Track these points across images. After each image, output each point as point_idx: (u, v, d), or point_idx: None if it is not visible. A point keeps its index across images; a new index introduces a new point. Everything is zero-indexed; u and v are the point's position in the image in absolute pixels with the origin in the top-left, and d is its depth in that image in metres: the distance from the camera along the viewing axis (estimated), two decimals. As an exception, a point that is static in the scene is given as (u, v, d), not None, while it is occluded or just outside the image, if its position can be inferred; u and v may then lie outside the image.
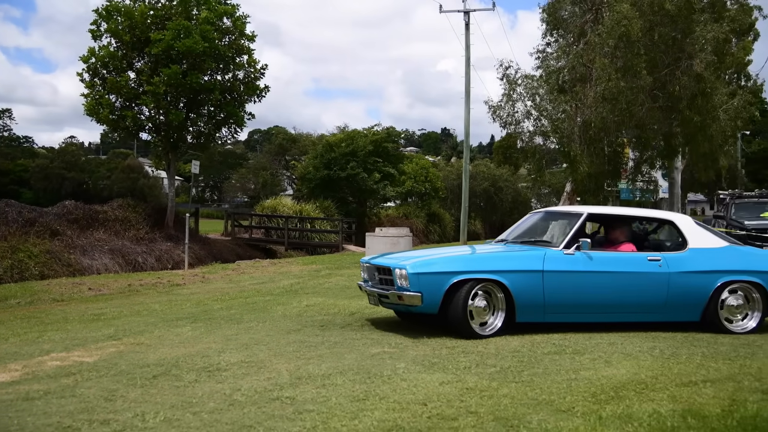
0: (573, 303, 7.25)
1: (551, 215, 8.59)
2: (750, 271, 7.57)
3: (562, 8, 25.13)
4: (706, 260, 7.53)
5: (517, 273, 7.06)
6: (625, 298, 7.38)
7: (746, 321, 7.55)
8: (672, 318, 7.51)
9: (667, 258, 7.49)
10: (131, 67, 23.87)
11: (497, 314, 7.07)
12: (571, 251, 7.23)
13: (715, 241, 7.77)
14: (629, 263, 7.47)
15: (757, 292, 7.56)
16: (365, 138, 36.23)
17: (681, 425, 4.04)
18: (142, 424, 4.15)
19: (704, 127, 22.69)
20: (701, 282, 7.44)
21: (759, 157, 58.91)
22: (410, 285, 6.89)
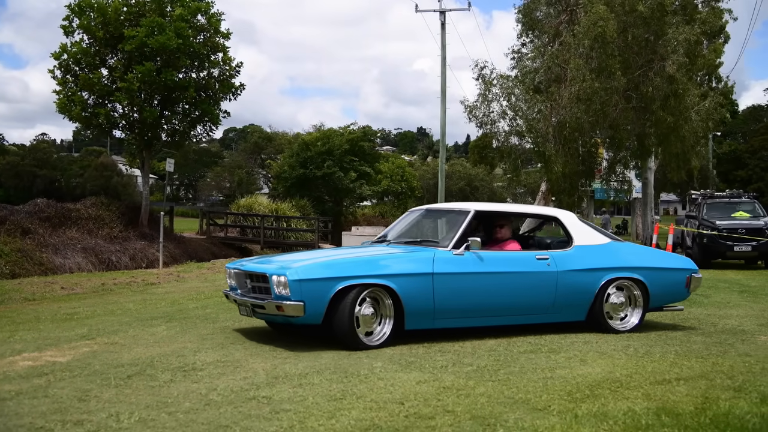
0: (464, 307, 6.80)
1: (434, 213, 8.22)
2: (631, 268, 7.48)
3: (537, 9, 25.32)
4: (592, 257, 7.35)
5: (406, 277, 6.50)
6: (516, 300, 7.06)
7: (629, 318, 7.49)
8: (559, 318, 7.30)
9: (555, 256, 7.23)
10: (104, 63, 23.58)
11: (385, 322, 6.50)
12: (460, 251, 6.74)
13: (598, 238, 7.59)
14: (519, 263, 7.14)
15: (638, 288, 7.49)
16: (341, 137, 36.21)
17: (655, 423, 4.08)
18: (117, 425, 4.10)
19: (677, 128, 23.00)
20: (587, 280, 7.25)
21: (730, 157, 59.83)
22: (291, 293, 6.15)
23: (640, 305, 7.51)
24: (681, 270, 7.88)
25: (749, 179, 55.52)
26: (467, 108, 24.88)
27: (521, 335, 7.21)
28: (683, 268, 7.91)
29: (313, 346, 6.53)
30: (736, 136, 74.43)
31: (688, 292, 7.94)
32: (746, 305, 10.04)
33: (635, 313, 7.51)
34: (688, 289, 7.88)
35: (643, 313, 7.52)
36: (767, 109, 76.20)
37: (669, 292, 7.80)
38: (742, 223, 17.19)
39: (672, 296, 7.88)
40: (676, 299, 7.96)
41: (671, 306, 7.98)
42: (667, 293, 7.78)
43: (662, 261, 8.00)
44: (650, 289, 7.50)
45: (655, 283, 7.54)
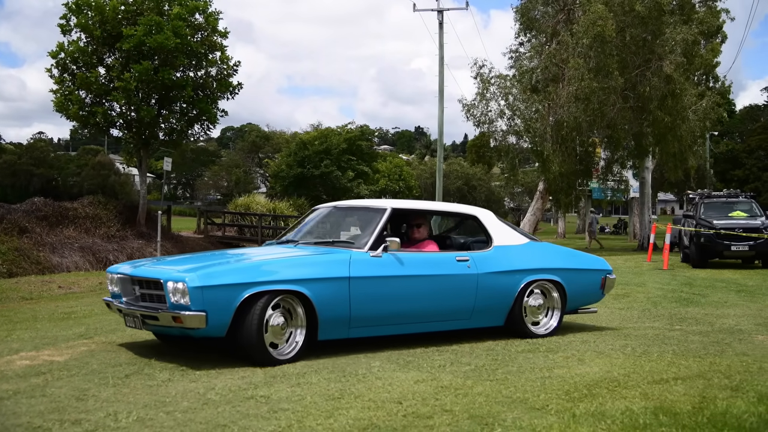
0: (382, 314, 6.26)
1: (345, 211, 7.48)
2: (550, 269, 7.18)
3: (535, 9, 25.37)
4: (511, 259, 6.97)
5: (321, 282, 5.87)
6: (437, 305, 6.56)
7: (548, 321, 7.19)
8: (478, 324, 6.87)
9: (475, 257, 6.78)
10: (101, 62, 23.55)
11: (297, 332, 5.85)
12: (378, 253, 6.18)
13: (516, 238, 7.23)
14: (440, 265, 6.61)
15: (556, 290, 7.19)
16: (339, 136, 36.22)
17: (653, 422, 4.09)
18: (115, 424, 4.10)
19: (674, 128, 23.05)
20: (508, 282, 6.87)
21: (727, 157, 59.96)
22: (191, 302, 5.37)
23: (558, 308, 7.22)
24: (597, 271, 7.64)
25: (746, 179, 55.64)
26: (465, 107, 24.95)
27: (520, 335, 7.23)
28: (599, 269, 7.67)
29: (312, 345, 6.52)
30: (733, 135, 74.58)
31: (602, 293, 7.72)
32: (743, 305, 10.06)
33: (554, 316, 7.21)
34: (603, 290, 7.65)
35: (561, 316, 7.24)
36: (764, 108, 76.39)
37: (585, 294, 7.57)
38: (739, 223, 17.21)
39: (588, 298, 7.65)
40: (592, 301, 7.74)
41: (585, 308, 7.72)
42: (583, 295, 7.54)
43: (579, 261, 7.70)
44: (568, 291, 7.23)
45: (573, 285, 7.28)
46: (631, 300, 10.51)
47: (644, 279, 13.95)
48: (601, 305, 9.76)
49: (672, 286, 12.56)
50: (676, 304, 10.09)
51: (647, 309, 9.52)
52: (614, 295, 11.05)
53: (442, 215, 7.77)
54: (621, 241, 38.04)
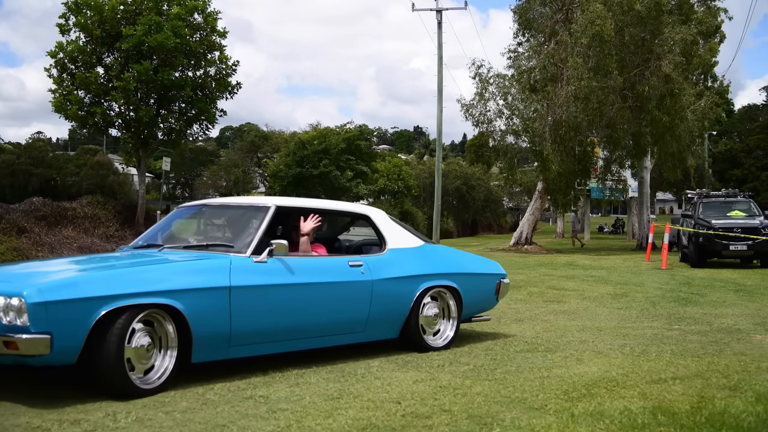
0: (268, 328, 5.40)
1: (219, 210, 6.61)
2: (446, 274, 6.59)
3: (533, 9, 25.38)
4: (407, 263, 6.34)
5: (196, 293, 4.93)
6: (330, 317, 5.83)
7: (444, 331, 6.58)
8: (372, 337, 6.21)
9: (368, 262, 6.10)
10: (100, 62, 23.55)
11: (165, 355, 4.88)
12: (262, 258, 5.36)
13: (411, 240, 6.61)
14: (333, 271, 5.88)
15: (452, 297, 6.63)
16: (338, 136, 36.21)
17: (651, 422, 4.09)
18: (114, 424, 4.10)
19: (672, 127, 23.08)
20: (404, 289, 6.24)
21: (725, 157, 60.02)
22: (31, 322, 4.27)
23: (454, 316, 6.63)
24: (491, 275, 7.11)
25: (745, 178, 55.70)
26: (464, 107, 24.96)
27: (518, 335, 7.24)
28: (493, 273, 7.14)
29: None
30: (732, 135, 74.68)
31: (497, 299, 7.22)
32: (742, 304, 10.07)
33: (450, 326, 6.62)
34: (497, 296, 7.16)
35: (458, 325, 6.67)
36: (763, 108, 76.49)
37: (481, 301, 7.02)
38: (737, 223, 17.23)
39: (483, 304, 7.10)
40: (486, 308, 7.22)
41: (479, 316, 7.16)
42: (479, 301, 6.99)
43: (474, 265, 7.15)
44: (464, 298, 6.67)
45: (469, 291, 6.72)
46: (630, 300, 10.52)
47: (643, 279, 13.97)
48: (599, 304, 9.82)
49: (670, 285, 12.58)
50: (675, 303, 10.11)
51: (646, 309, 9.53)
52: (613, 294, 11.08)
53: (330, 215, 6.89)
54: (619, 240, 38.07)
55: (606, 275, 14.63)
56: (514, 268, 16.36)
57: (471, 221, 53.21)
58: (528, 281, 13.03)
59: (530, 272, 15.21)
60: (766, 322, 8.28)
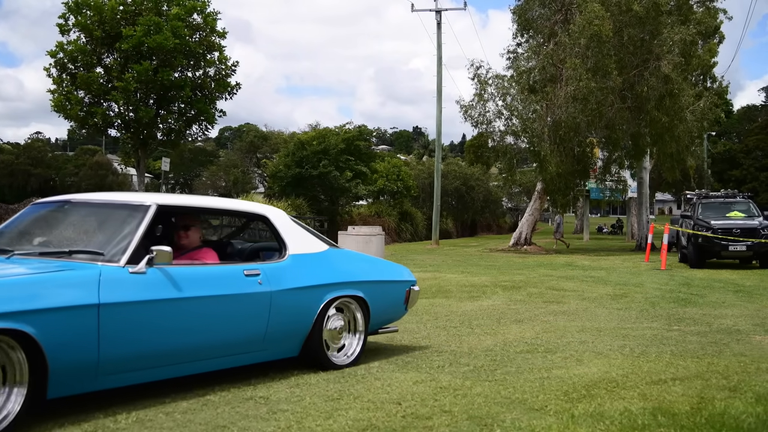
0: (147, 353, 4.51)
1: (84, 208, 5.28)
2: (353, 282, 5.90)
3: (532, 9, 25.40)
4: (311, 271, 5.60)
5: (54, 313, 3.98)
6: (222, 335, 4.99)
7: (351, 346, 5.91)
8: (270, 356, 5.45)
9: (267, 270, 5.29)
10: (100, 62, 23.56)
11: (12, 393, 3.90)
12: (140, 268, 4.44)
13: (315, 244, 5.87)
14: (226, 282, 5.02)
15: (359, 308, 5.96)
16: (337, 136, 36.15)
17: (651, 423, 4.10)
18: (114, 425, 4.10)
19: (671, 128, 23.10)
20: (307, 301, 5.50)
21: (724, 157, 60.08)
22: None
23: (361, 329, 5.97)
24: (401, 282, 6.45)
25: (744, 179, 55.78)
26: (463, 108, 24.99)
27: (518, 336, 7.24)
28: (403, 281, 6.48)
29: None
30: (731, 135, 74.73)
31: (406, 309, 6.55)
32: (741, 305, 10.07)
33: (357, 340, 5.95)
34: (406, 305, 6.51)
35: (365, 339, 5.99)
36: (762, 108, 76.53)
37: (389, 311, 6.38)
38: (737, 223, 17.24)
39: (391, 315, 6.46)
40: (394, 318, 6.56)
41: (386, 327, 6.49)
42: (387, 311, 6.34)
43: (382, 272, 6.44)
44: (372, 309, 6.01)
45: (377, 301, 6.07)
46: (629, 300, 10.53)
47: (642, 279, 13.97)
48: (598, 305, 9.83)
49: (670, 286, 12.58)
50: (674, 304, 10.11)
51: (645, 309, 9.54)
52: (612, 295, 11.08)
53: (221, 215, 6.22)
54: (619, 241, 38.08)
55: (605, 276, 14.64)
56: (513, 269, 16.37)
57: (470, 221, 53.19)
58: (527, 282, 13.04)
59: (529, 273, 15.21)
60: (765, 323, 8.28)
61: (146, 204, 4.86)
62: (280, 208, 6.58)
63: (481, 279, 13.49)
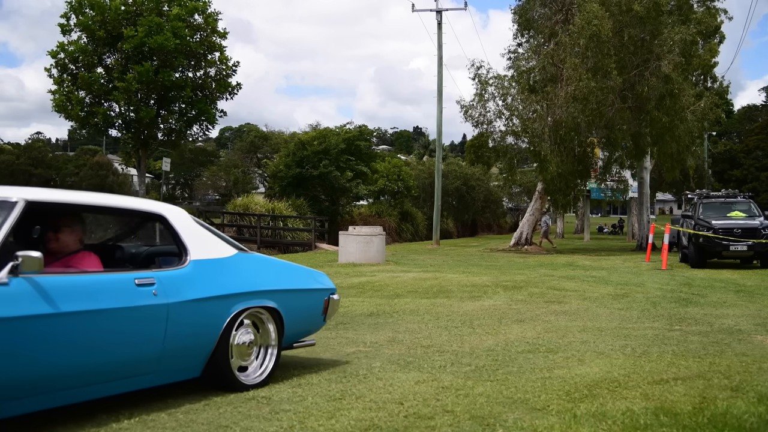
0: (10, 381, 3.76)
1: None
2: (266, 292, 5.27)
3: (533, 9, 25.40)
4: (216, 279, 4.92)
5: None
6: (107, 358, 4.25)
7: (262, 363, 5.25)
8: (165, 378, 4.70)
9: (163, 279, 4.56)
10: (101, 62, 23.57)
11: None
12: (1, 278, 3.75)
13: (221, 248, 5.17)
14: (111, 294, 4.28)
15: (272, 320, 5.33)
16: (338, 136, 36.15)
17: (653, 423, 4.10)
18: (117, 425, 4.10)
19: (672, 128, 23.10)
20: (211, 314, 4.82)
21: (725, 157, 60.08)
22: None
23: (274, 344, 5.33)
24: (319, 291, 5.86)
25: (744, 179, 55.80)
26: (463, 108, 24.97)
27: (519, 336, 7.24)
28: (321, 289, 5.90)
29: (309, 346, 6.53)
30: (731, 135, 74.71)
31: (324, 320, 5.96)
32: (742, 305, 10.07)
33: (269, 356, 5.30)
34: (325, 316, 5.91)
35: (278, 355, 5.35)
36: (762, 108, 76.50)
37: (306, 322, 5.80)
38: (737, 223, 17.23)
39: (308, 327, 5.88)
40: (312, 330, 5.99)
41: (302, 341, 5.87)
42: (303, 323, 5.76)
43: (298, 279, 5.81)
44: (286, 321, 5.39)
45: (292, 312, 5.47)
46: (631, 300, 10.52)
47: (643, 279, 13.97)
48: (600, 305, 9.82)
49: (671, 286, 12.58)
50: (676, 304, 10.11)
51: (646, 309, 9.53)
52: (613, 295, 11.08)
53: (108, 213, 5.27)
54: (619, 241, 38.08)
55: (606, 276, 14.63)
56: (514, 269, 16.36)
57: (471, 222, 53.17)
58: (528, 282, 13.04)
59: (530, 273, 15.21)
60: (767, 323, 8.28)
61: (12, 200, 4.09)
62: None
63: (482, 279, 13.49)
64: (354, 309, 9.24)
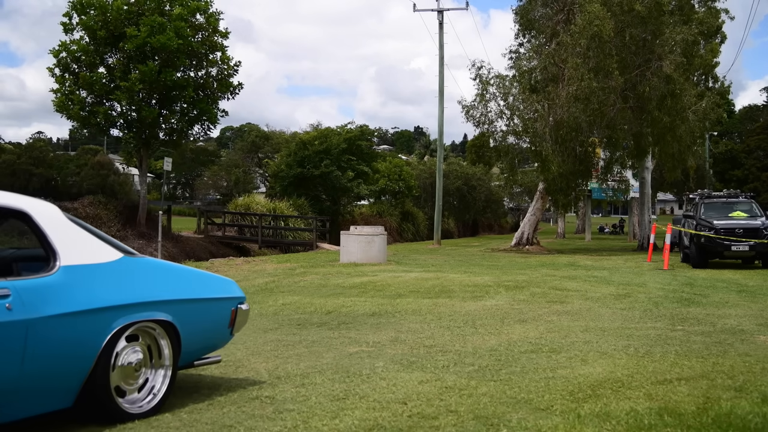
0: None
1: None
2: (157, 302, 4.50)
3: (534, 9, 25.40)
4: (95, 288, 4.16)
5: None
6: None
7: (153, 387, 4.51)
8: (22, 412, 3.89)
9: (21, 290, 3.77)
10: (103, 62, 23.58)
11: None
12: None
13: (101, 251, 4.37)
14: None
15: (165, 335, 4.57)
16: (339, 136, 36.18)
17: (658, 423, 4.09)
18: (121, 425, 4.11)
19: (673, 128, 23.10)
20: (86, 330, 4.05)
21: (726, 157, 60.05)
22: None
23: (167, 363, 4.59)
24: (224, 300, 5.13)
25: (745, 179, 55.77)
26: (464, 108, 24.96)
27: (522, 336, 7.23)
28: (227, 298, 5.16)
29: (313, 345, 6.53)
30: (733, 135, 74.67)
31: (231, 333, 5.23)
32: (745, 305, 10.06)
33: (161, 378, 4.56)
34: (232, 329, 5.18)
35: (173, 375, 4.63)
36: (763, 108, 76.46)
37: (208, 337, 5.06)
38: (739, 223, 17.21)
39: (212, 342, 5.14)
40: (217, 345, 5.24)
41: (205, 358, 5.12)
42: (206, 338, 5.03)
43: (198, 287, 5.00)
44: (184, 336, 4.64)
45: (191, 325, 4.74)
46: (633, 300, 10.52)
47: (645, 279, 13.96)
48: (602, 305, 9.81)
49: (673, 286, 12.57)
50: (678, 304, 10.10)
51: (649, 309, 9.53)
52: (615, 295, 11.07)
53: None
54: (620, 241, 38.08)
55: (608, 276, 14.62)
56: (516, 269, 16.36)
57: (472, 221, 53.20)
58: (530, 282, 13.03)
59: (532, 273, 15.20)
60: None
61: None
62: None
63: (483, 279, 13.48)
64: (356, 309, 9.24)
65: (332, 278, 13.52)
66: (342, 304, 9.44)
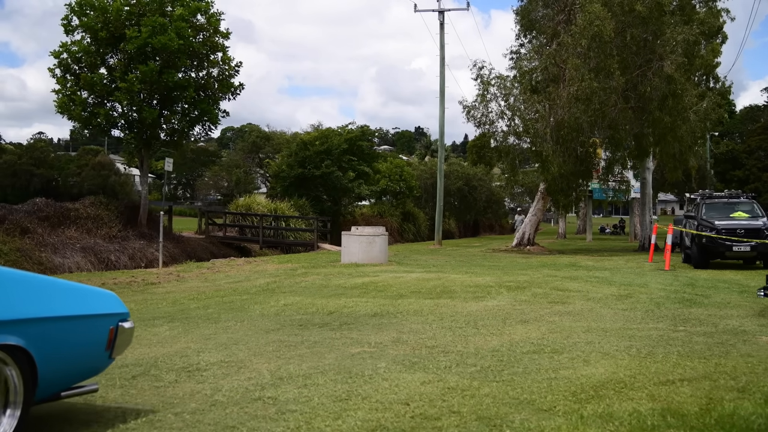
0: None
1: None
2: (6, 323, 3.60)
3: (535, 10, 25.39)
4: None
5: None
6: None
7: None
8: None
9: None
10: (104, 63, 23.58)
11: None
12: None
13: None
14: None
15: (14, 363, 3.66)
16: (340, 136, 36.17)
17: (661, 424, 4.09)
18: (124, 425, 4.11)
19: (674, 128, 23.07)
20: None
21: (727, 157, 60.01)
22: None
23: (18, 400, 3.69)
24: (99, 318, 4.23)
25: (746, 179, 55.74)
26: (465, 108, 24.94)
27: (524, 336, 7.23)
28: (102, 315, 4.26)
29: (315, 346, 6.53)
30: (734, 136, 74.60)
31: (110, 357, 4.37)
32: (746, 305, 10.05)
33: (7, 419, 3.67)
34: (111, 351, 4.32)
35: (23, 414, 3.71)
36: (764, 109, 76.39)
37: (78, 363, 4.16)
38: (740, 224, 17.20)
39: (84, 368, 4.25)
40: (92, 372, 4.39)
41: (78, 386, 4.22)
42: (75, 365, 4.14)
43: (64, 303, 4.05)
44: (41, 364, 3.77)
45: (54, 350, 3.88)
46: (634, 301, 10.51)
47: (646, 280, 13.95)
48: (604, 306, 9.80)
49: (674, 286, 12.56)
50: (679, 304, 10.09)
51: (650, 310, 9.52)
52: (617, 295, 11.06)
53: None
54: (621, 241, 38.05)
55: (609, 276, 14.61)
56: (517, 269, 16.35)
57: (473, 222, 53.17)
58: (532, 282, 13.02)
59: (533, 273, 15.19)
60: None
61: None
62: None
63: (485, 279, 13.47)
64: (358, 309, 9.23)
65: (333, 279, 13.52)
66: (344, 305, 9.44)
